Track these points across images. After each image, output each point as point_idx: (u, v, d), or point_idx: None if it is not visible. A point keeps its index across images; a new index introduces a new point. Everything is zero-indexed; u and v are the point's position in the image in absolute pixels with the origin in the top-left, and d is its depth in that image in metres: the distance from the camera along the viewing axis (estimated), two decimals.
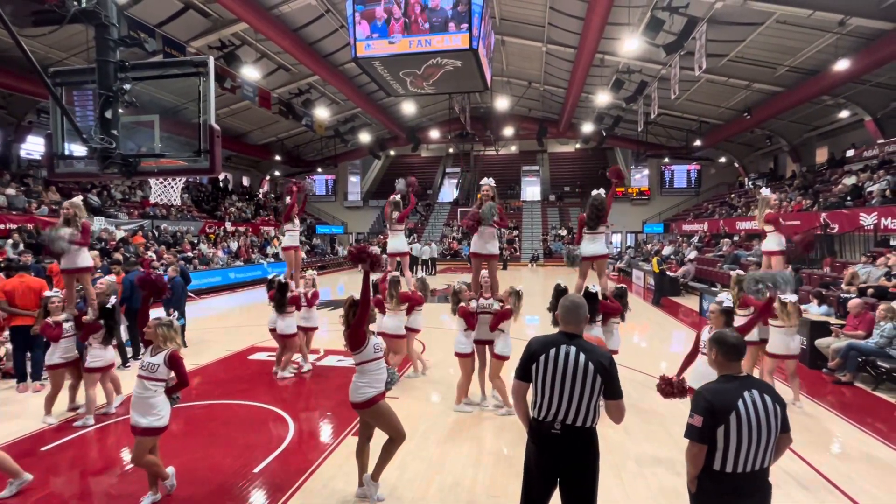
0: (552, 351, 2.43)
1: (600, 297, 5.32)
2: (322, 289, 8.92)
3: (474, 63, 8.06)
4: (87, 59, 12.77)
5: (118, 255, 10.43)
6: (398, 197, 6.92)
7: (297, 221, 7.12)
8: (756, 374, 5.49)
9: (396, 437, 3.57)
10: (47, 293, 5.27)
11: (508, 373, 3.85)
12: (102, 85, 3.25)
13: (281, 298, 6.39)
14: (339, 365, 7.17)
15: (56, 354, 5.00)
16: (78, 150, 3.55)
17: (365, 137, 26.44)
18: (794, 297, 5.26)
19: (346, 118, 24.51)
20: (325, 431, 4.92)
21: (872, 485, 3.84)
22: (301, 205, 7.32)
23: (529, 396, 2.55)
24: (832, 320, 7.36)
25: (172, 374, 3.56)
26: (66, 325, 5.03)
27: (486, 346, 5.41)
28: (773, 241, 6.06)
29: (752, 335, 5.40)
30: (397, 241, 6.96)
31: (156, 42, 11.73)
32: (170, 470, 3.70)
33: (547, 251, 27.88)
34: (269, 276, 7.00)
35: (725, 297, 4.11)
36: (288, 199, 7.16)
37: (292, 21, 14.57)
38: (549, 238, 28.88)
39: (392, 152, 34.10)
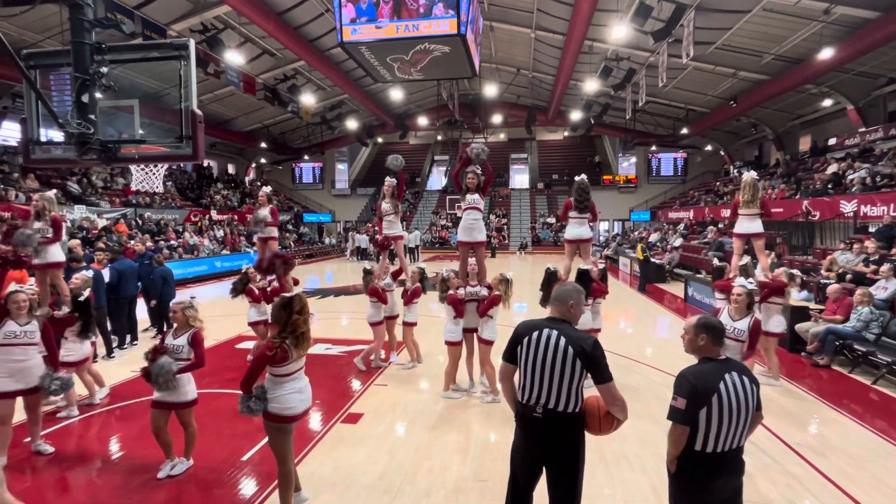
0: (535, 334, 2.45)
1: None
2: (311, 276, 8.89)
3: (462, 49, 7.95)
4: (62, 41, 12.38)
5: (101, 244, 10.23)
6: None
7: None
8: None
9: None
10: (14, 288, 5.04)
11: (496, 358, 3.89)
12: (78, 68, 3.15)
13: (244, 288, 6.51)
14: (328, 353, 7.17)
15: None
16: (55, 135, 3.45)
17: (352, 124, 26.13)
18: (797, 272, 5.85)
19: (333, 104, 24.16)
20: (313, 420, 4.93)
21: (847, 464, 3.98)
22: None
23: (516, 380, 2.58)
24: (812, 305, 7.54)
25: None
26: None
27: (474, 334, 5.45)
28: (758, 224, 6.14)
29: None
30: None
31: (134, 24, 11.39)
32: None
33: (535, 239, 28.00)
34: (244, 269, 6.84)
35: (748, 281, 4.38)
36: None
37: (276, 4, 14.24)
38: (538, 226, 28.99)
39: (380, 139, 33.79)
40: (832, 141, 16.96)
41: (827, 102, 17.01)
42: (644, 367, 6.50)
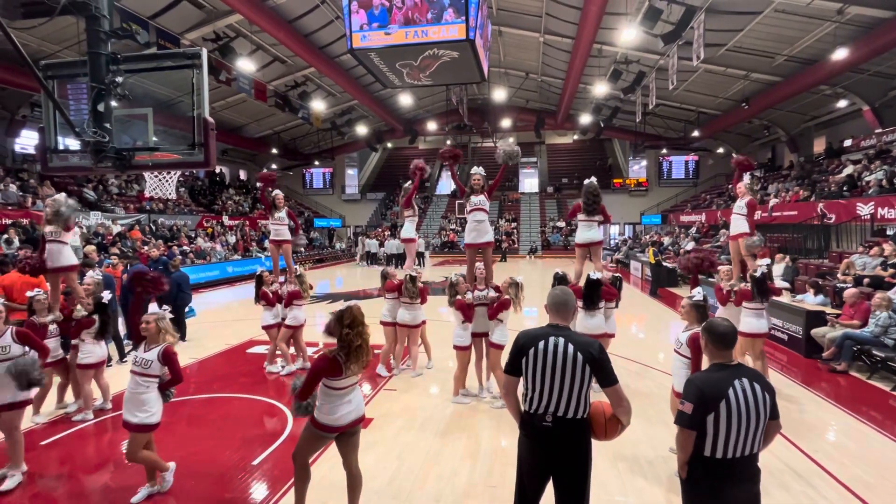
0: (541, 343, 2.43)
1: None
2: (320, 282, 8.94)
3: (471, 54, 7.98)
4: (79, 51, 12.67)
5: (116, 250, 10.40)
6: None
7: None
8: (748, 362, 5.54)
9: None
10: (32, 292, 4.97)
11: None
12: (94, 78, 3.23)
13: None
14: None
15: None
16: (72, 143, 3.53)
17: (362, 130, 26.32)
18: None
19: (343, 110, 24.37)
20: None
21: (865, 472, 3.88)
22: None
23: (520, 390, 2.56)
24: (828, 310, 7.40)
25: (166, 369, 3.48)
26: (51, 327, 4.86)
27: (483, 338, 5.44)
28: (746, 225, 5.98)
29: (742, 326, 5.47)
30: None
31: (148, 34, 11.61)
32: (171, 465, 3.70)
33: (545, 243, 27.88)
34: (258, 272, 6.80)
35: (697, 292, 3.87)
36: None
37: (287, 12, 14.43)
38: (547, 230, 28.87)
39: (389, 145, 33.97)
40: (848, 142, 16.70)
41: (842, 103, 16.76)
42: (656, 373, 6.42)
